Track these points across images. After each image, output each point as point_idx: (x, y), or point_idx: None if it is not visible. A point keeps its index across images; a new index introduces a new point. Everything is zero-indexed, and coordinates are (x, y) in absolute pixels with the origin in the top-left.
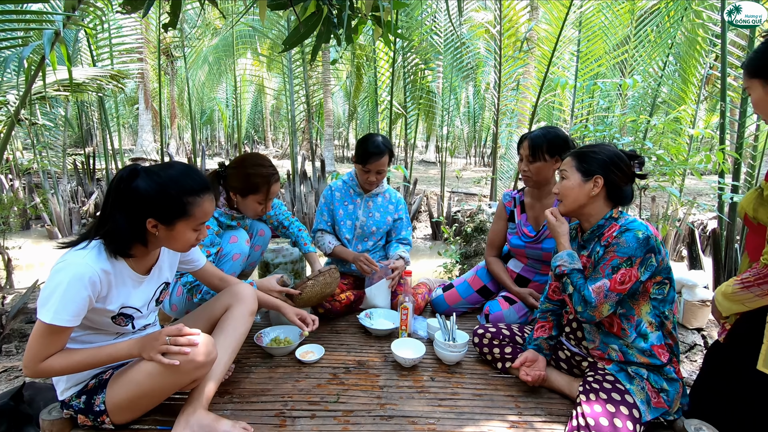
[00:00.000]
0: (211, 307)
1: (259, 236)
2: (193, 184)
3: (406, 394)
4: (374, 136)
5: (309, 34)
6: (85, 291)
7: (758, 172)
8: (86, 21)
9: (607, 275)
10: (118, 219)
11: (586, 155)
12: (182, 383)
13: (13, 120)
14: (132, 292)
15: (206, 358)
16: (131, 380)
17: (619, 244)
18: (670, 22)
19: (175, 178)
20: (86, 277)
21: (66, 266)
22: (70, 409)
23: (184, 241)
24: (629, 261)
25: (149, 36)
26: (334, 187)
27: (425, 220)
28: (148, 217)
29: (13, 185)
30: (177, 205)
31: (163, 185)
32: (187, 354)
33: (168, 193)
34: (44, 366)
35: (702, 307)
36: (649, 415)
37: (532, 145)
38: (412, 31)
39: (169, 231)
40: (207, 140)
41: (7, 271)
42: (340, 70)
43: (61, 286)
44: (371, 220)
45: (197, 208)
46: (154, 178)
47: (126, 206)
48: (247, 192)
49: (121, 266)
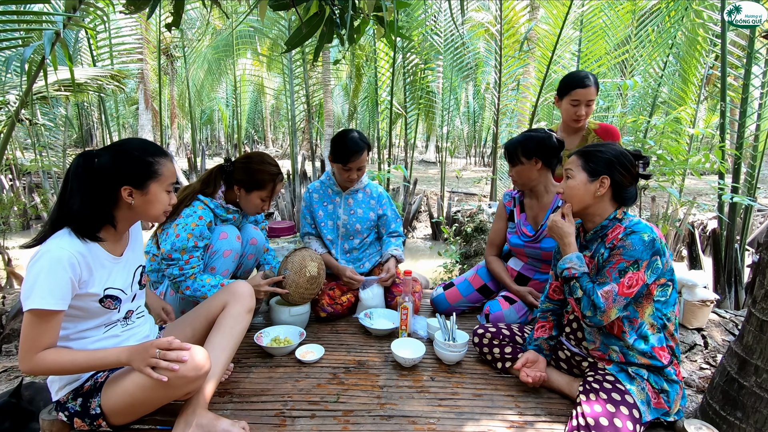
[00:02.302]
0: (208, 306)
1: (250, 245)
2: (154, 148)
3: (406, 394)
4: (350, 132)
5: (311, 34)
6: (65, 273)
7: (758, 172)
8: (86, 21)
9: (615, 279)
10: (81, 201)
11: (592, 154)
12: (175, 396)
13: (14, 120)
14: (112, 273)
15: (197, 373)
16: (124, 390)
17: (625, 247)
18: (671, 22)
19: (137, 145)
20: (64, 259)
21: (42, 254)
22: (66, 412)
23: (160, 204)
24: (636, 264)
25: (149, 36)
26: (311, 189)
27: (425, 220)
28: (122, 186)
29: (13, 185)
30: (146, 166)
31: (128, 152)
32: (175, 371)
33: (135, 157)
34: (38, 360)
35: (702, 307)
36: (649, 415)
37: (507, 152)
38: (412, 31)
39: (144, 196)
40: (207, 140)
41: (7, 271)
42: (340, 70)
43: (42, 273)
44: (353, 217)
45: (164, 168)
46: (117, 150)
47: (92, 186)
48: (252, 187)
49: (95, 249)
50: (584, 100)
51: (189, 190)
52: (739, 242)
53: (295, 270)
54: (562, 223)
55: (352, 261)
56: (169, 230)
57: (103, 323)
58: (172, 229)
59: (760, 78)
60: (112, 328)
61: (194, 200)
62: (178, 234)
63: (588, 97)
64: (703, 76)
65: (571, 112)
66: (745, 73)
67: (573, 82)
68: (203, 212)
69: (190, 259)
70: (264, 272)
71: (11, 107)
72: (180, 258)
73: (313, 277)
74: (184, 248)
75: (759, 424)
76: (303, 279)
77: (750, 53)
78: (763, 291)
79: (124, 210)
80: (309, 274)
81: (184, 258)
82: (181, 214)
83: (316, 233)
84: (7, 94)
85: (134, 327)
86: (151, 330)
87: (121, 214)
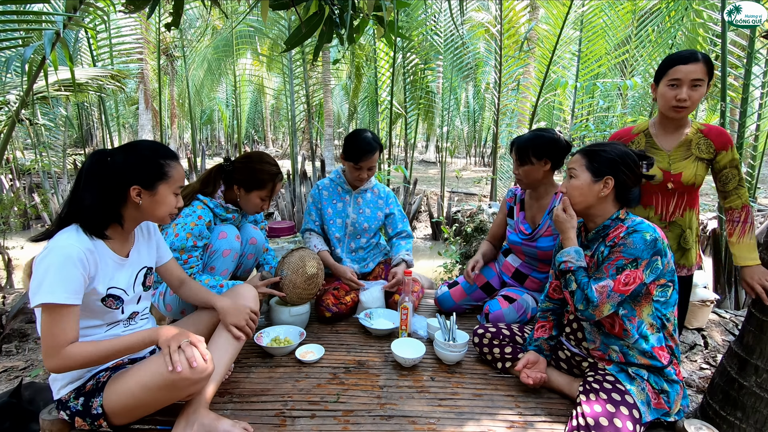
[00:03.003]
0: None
1: (250, 245)
2: (165, 150)
3: (406, 394)
4: (363, 132)
5: (311, 34)
6: (76, 269)
7: (758, 172)
8: (86, 21)
9: (612, 276)
10: (92, 197)
11: (596, 154)
12: (177, 398)
13: (14, 120)
14: (115, 273)
15: (200, 375)
16: (127, 390)
17: (625, 245)
18: (671, 22)
19: (149, 146)
20: (74, 255)
21: (52, 250)
22: (67, 410)
23: (167, 205)
24: (635, 262)
25: (149, 36)
26: (321, 186)
27: (425, 220)
28: (132, 185)
29: (13, 185)
30: (156, 168)
31: (141, 153)
32: (193, 366)
33: (147, 157)
34: (65, 355)
35: (702, 307)
36: (649, 415)
37: (518, 150)
38: (412, 31)
39: (152, 196)
40: (207, 140)
41: (8, 271)
42: (340, 70)
43: (52, 267)
44: (362, 216)
45: (174, 170)
46: (130, 150)
47: (103, 183)
48: (252, 187)
49: (101, 247)
50: (687, 79)
51: (188, 189)
52: None
53: (293, 270)
54: (564, 217)
55: (357, 260)
56: (168, 230)
57: (105, 322)
58: (172, 229)
59: (760, 78)
60: (114, 327)
61: (193, 200)
62: (177, 233)
63: (692, 76)
64: None
65: (669, 96)
66: (745, 73)
67: (673, 59)
68: (202, 212)
69: (189, 259)
70: (261, 273)
71: (11, 107)
72: (179, 258)
73: (312, 276)
74: (183, 248)
75: (759, 424)
76: (301, 279)
77: (750, 53)
78: None
79: (131, 209)
80: (307, 273)
81: (183, 258)
82: (180, 214)
83: (318, 230)
84: (7, 94)
85: (136, 327)
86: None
87: (128, 213)
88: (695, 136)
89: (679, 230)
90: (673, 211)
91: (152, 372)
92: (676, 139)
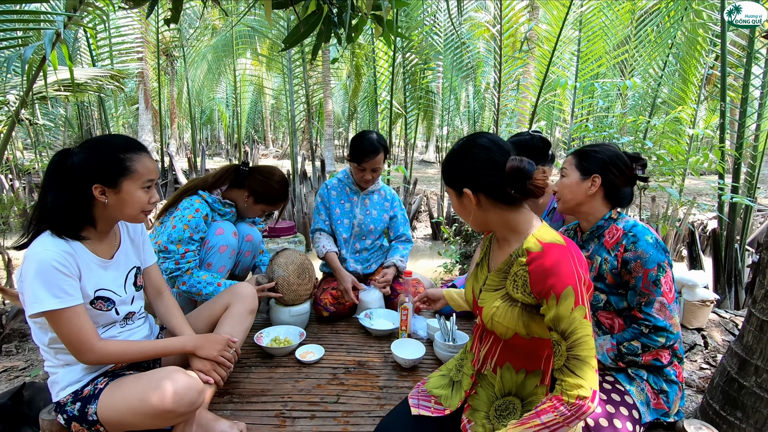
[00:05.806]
0: (211, 307)
1: (246, 242)
2: (126, 143)
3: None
4: (369, 133)
5: (309, 33)
6: (56, 272)
7: (758, 172)
8: (86, 21)
9: (657, 293)
10: (55, 199)
11: (587, 154)
12: (162, 426)
13: (14, 120)
14: (101, 275)
15: (188, 408)
16: (117, 408)
17: (641, 258)
18: (671, 22)
19: (107, 140)
20: (48, 260)
21: (27, 259)
22: (65, 414)
23: (135, 203)
24: (661, 267)
25: (149, 36)
26: (329, 185)
27: (425, 220)
28: (93, 184)
29: (13, 185)
30: (115, 163)
31: (96, 149)
32: (230, 367)
33: (103, 153)
34: (102, 348)
35: (702, 307)
36: (648, 416)
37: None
38: (411, 30)
39: (117, 194)
40: (207, 140)
41: (7, 271)
42: (339, 70)
43: (30, 277)
44: (369, 218)
45: (137, 164)
46: (87, 147)
47: (65, 184)
48: (262, 200)
49: (80, 249)
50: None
51: (197, 181)
52: (739, 242)
53: (283, 268)
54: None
55: (361, 261)
56: (166, 222)
57: (100, 323)
58: (170, 221)
59: (760, 78)
60: (110, 329)
61: (194, 194)
62: (174, 225)
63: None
64: (703, 76)
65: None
66: (745, 73)
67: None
68: (200, 205)
69: (186, 253)
70: (255, 278)
71: (11, 107)
72: (176, 251)
73: (303, 270)
74: (180, 239)
75: (759, 424)
76: (293, 275)
77: (750, 53)
78: (763, 291)
79: (100, 209)
80: (298, 269)
81: (180, 251)
82: (178, 207)
83: (328, 230)
84: (7, 94)
85: (133, 327)
86: (152, 330)
87: (98, 213)
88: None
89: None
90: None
91: (139, 398)
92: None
